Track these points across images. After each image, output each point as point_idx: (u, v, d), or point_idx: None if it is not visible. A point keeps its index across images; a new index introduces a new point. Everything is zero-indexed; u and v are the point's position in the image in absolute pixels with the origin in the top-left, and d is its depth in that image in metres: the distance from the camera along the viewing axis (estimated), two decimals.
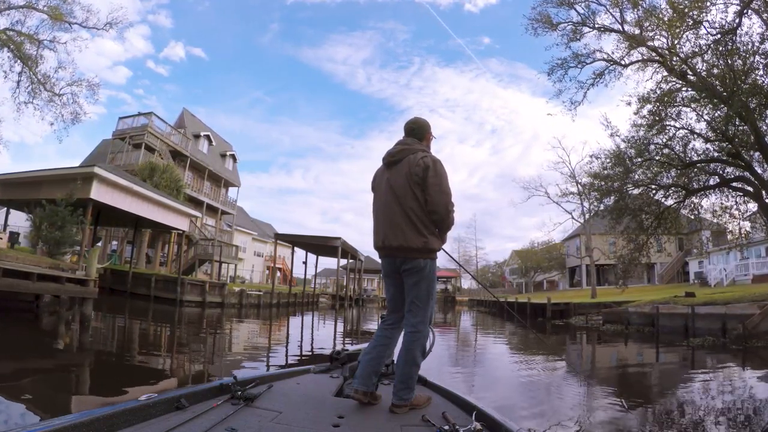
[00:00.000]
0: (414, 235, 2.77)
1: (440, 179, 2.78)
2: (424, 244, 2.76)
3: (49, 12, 20.77)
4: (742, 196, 17.44)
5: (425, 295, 2.83)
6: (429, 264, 2.82)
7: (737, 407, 5.82)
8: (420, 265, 2.79)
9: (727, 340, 12.43)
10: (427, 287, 2.83)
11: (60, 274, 10.44)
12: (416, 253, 2.77)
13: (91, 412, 1.91)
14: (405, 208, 2.80)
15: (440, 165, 2.83)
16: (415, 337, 2.75)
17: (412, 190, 2.79)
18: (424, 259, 2.79)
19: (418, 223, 2.77)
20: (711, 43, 14.88)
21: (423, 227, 2.77)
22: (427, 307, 2.83)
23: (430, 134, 3.10)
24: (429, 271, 2.82)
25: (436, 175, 2.77)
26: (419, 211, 2.78)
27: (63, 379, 6.08)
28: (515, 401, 6.09)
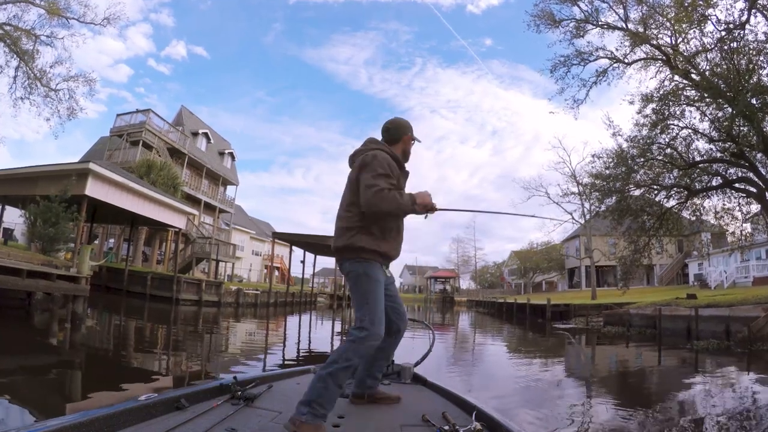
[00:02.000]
0: (340, 233, 2.61)
1: (368, 171, 2.50)
2: (349, 242, 2.55)
3: (46, 6, 20.56)
4: (745, 197, 17.29)
5: (357, 301, 2.54)
6: (355, 266, 2.55)
7: (743, 412, 5.63)
8: (346, 267, 2.59)
9: (731, 342, 12.22)
10: (359, 292, 2.54)
11: (50, 271, 10.21)
12: (343, 253, 2.59)
13: (91, 412, 1.91)
14: (341, 207, 2.68)
15: (378, 157, 2.54)
16: (345, 347, 2.41)
17: (349, 189, 2.63)
18: (349, 260, 2.57)
19: (345, 220, 2.60)
20: (716, 41, 14.69)
21: (349, 223, 2.58)
22: (362, 313, 2.48)
23: (410, 137, 2.87)
24: (355, 273, 2.55)
25: (365, 168, 2.52)
26: (349, 207, 2.60)
27: (45, 380, 5.86)
28: (515, 403, 5.93)
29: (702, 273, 33.30)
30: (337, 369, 2.31)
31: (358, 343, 2.39)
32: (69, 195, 14.71)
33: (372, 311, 2.47)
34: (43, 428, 1.70)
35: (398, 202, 2.42)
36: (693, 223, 19.82)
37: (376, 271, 2.56)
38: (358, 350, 2.39)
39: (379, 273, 2.57)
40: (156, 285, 21.91)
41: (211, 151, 37.26)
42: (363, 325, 2.41)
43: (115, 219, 23.64)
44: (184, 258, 26.45)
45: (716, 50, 14.94)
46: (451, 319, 29.46)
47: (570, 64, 17.69)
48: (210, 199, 34.70)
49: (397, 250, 2.72)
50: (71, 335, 9.70)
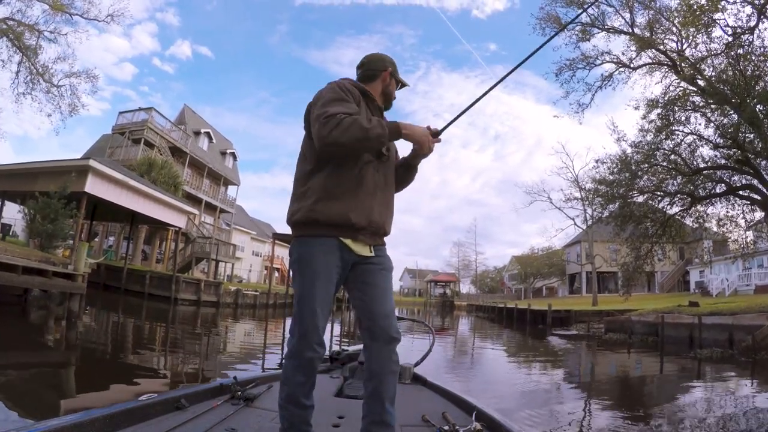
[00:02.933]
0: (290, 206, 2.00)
1: (315, 102, 1.89)
2: (291, 214, 1.94)
3: (50, 2, 20.49)
4: (749, 205, 17.16)
5: (294, 300, 1.93)
6: (294, 243, 1.94)
7: (745, 422, 5.51)
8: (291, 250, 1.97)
9: (735, 351, 12.07)
10: (294, 281, 1.94)
11: (46, 268, 10.09)
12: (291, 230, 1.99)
13: (91, 412, 1.92)
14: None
15: (327, 87, 1.96)
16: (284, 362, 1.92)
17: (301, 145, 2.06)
18: (292, 238, 1.97)
19: (293, 188, 2.00)
20: (723, 46, 14.59)
21: (293, 190, 1.99)
22: (295, 321, 1.89)
23: (389, 73, 2.16)
24: (292, 253, 1.93)
25: (313, 104, 1.91)
26: (298, 168, 2.01)
27: (36, 379, 5.74)
28: (515, 407, 5.83)
29: (703, 280, 33.12)
30: (283, 397, 1.88)
31: (286, 359, 1.90)
32: (68, 192, 14.61)
33: (296, 315, 1.88)
34: (43, 428, 1.70)
35: (362, 126, 1.74)
36: (696, 230, 19.70)
37: (312, 252, 1.86)
38: (286, 371, 1.88)
39: (315, 255, 1.86)
40: (155, 284, 21.79)
41: (213, 151, 37.18)
42: (293, 344, 1.88)
43: (115, 217, 23.52)
44: (184, 257, 26.33)
45: (723, 56, 14.84)
46: (451, 323, 29.31)
47: (575, 68, 17.66)
48: (211, 198, 34.60)
49: (362, 210, 1.90)
50: (66, 333, 9.58)
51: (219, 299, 22.31)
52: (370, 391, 1.90)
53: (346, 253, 1.89)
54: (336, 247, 1.86)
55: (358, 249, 1.91)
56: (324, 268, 1.85)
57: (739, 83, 14.41)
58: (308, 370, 1.87)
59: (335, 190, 1.86)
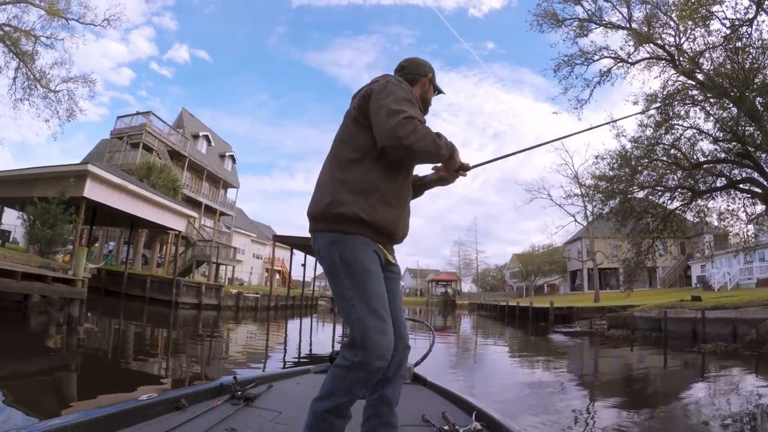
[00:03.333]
0: (320, 194, 1.79)
1: (384, 96, 1.73)
2: (321, 203, 1.76)
3: (46, 7, 20.47)
4: (749, 198, 17.12)
5: (339, 304, 1.74)
6: (331, 238, 1.73)
7: (752, 417, 5.46)
8: (318, 244, 1.78)
9: (739, 345, 12.01)
10: (339, 288, 1.72)
11: (45, 273, 10.04)
12: (314, 222, 1.79)
13: (91, 412, 1.92)
14: (328, 158, 1.90)
15: (397, 83, 1.80)
16: (333, 375, 1.68)
17: (341, 129, 1.90)
18: (321, 233, 1.77)
19: (323, 174, 1.84)
20: (721, 39, 14.54)
21: (327, 177, 1.82)
22: (349, 318, 1.68)
23: (429, 79, 2.11)
24: (333, 250, 1.72)
25: (380, 93, 1.75)
26: (339, 153, 1.83)
27: (36, 384, 5.69)
28: (518, 405, 5.83)
29: (705, 275, 33.09)
30: (327, 408, 1.63)
31: (348, 370, 1.63)
32: (67, 197, 14.58)
33: (356, 321, 1.65)
34: (43, 428, 1.70)
35: (435, 141, 1.68)
36: (697, 224, 19.66)
37: (358, 248, 1.71)
38: (347, 382, 1.63)
39: (365, 253, 1.72)
40: (155, 288, 21.74)
41: (212, 154, 37.13)
42: (355, 344, 1.64)
43: (115, 221, 23.52)
44: (185, 261, 26.30)
45: (721, 49, 14.80)
46: (452, 323, 29.25)
47: (573, 64, 17.61)
48: (210, 201, 34.55)
49: (402, 225, 1.87)
50: (66, 339, 9.53)
51: (220, 302, 22.29)
52: (380, 394, 1.85)
53: (381, 256, 1.82)
54: (376, 248, 1.78)
55: (387, 255, 1.88)
56: (376, 267, 1.75)
57: (738, 76, 14.36)
58: (371, 382, 1.70)
59: (391, 197, 1.79)
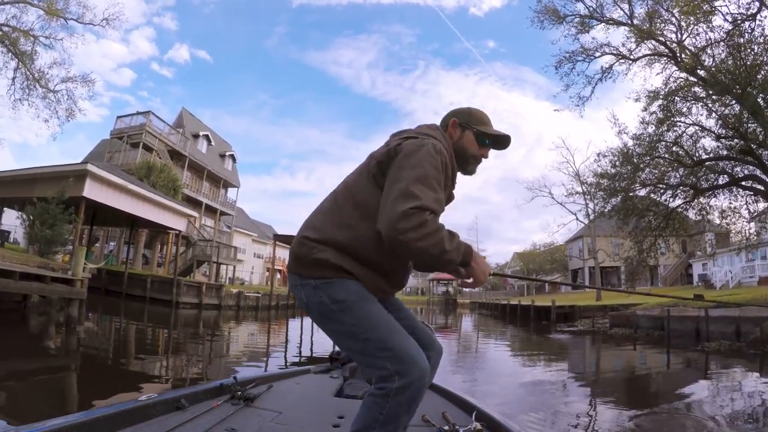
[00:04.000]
0: (306, 236, 1.62)
1: (409, 167, 1.47)
2: (307, 252, 1.59)
3: (44, 7, 20.41)
4: (752, 195, 17.03)
5: (344, 340, 1.61)
6: (313, 284, 1.57)
7: (756, 416, 5.39)
8: (301, 292, 1.61)
9: (742, 344, 11.93)
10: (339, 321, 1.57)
11: (44, 273, 9.98)
12: (298, 265, 1.63)
13: (91, 412, 1.92)
14: (330, 199, 1.70)
15: (432, 150, 1.52)
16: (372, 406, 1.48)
17: (355, 175, 1.67)
18: (303, 278, 1.61)
19: (323, 221, 1.63)
20: (723, 34, 14.45)
21: (328, 228, 1.59)
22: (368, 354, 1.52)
23: (455, 120, 1.79)
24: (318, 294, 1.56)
25: (406, 160, 1.50)
26: (341, 202, 1.62)
27: (34, 385, 5.63)
28: (519, 405, 5.79)
29: (706, 273, 33.01)
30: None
31: (388, 398, 1.44)
32: (66, 197, 14.52)
33: (384, 342, 1.48)
34: (44, 428, 1.70)
35: (443, 246, 1.42)
36: (699, 222, 19.57)
37: (351, 286, 1.55)
38: (390, 410, 1.44)
39: (358, 289, 1.55)
40: (156, 288, 21.68)
41: (212, 153, 37.08)
42: (389, 372, 1.44)
43: (115, 221, 23.47)
44: (185, 261, 26.25)
45: (723, 45, 14.71)
46: (453, 321, 29.19)
47: (575, 60, 17.55)
48: (211, 201, 34.51)
49: (400, 283, 1.74)
50: (66, 339, 9.47)
51: (221, 302, 22.24)
52: None
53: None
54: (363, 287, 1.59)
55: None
56: (370, 295, 1.59)
57: (741, 73, 14.27)
58: (419, 402, 1.53)
59: (390, 270, 1.63)
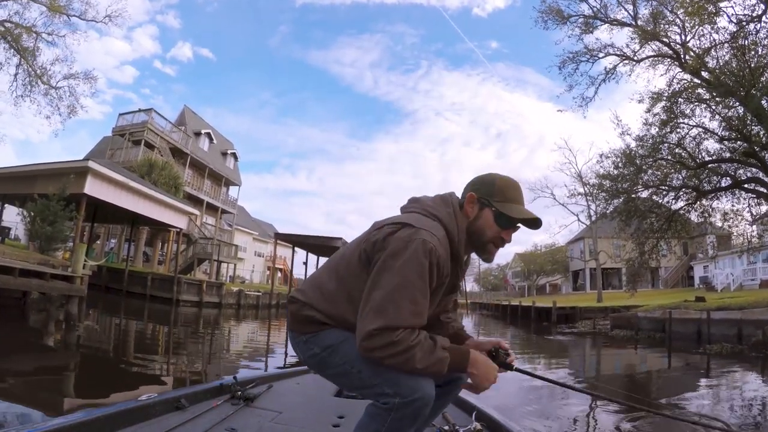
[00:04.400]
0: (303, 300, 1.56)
1: (390, 274, 1.35)
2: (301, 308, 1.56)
3: (47, 3, 20.36)
4: (755, 198, 16.97)
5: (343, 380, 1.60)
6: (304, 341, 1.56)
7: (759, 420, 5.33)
8: (297, 348, 1.61)
9: (744, 346, 11.88)
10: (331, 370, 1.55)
11: (44, 270, 9.95)
12: (293, 322, 1.60)
13: (91, 412, 1.91)
14: (328, 266, 1.62)
15: (414, 261, 1.35)
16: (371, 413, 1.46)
17: (351, 249, 1.55)
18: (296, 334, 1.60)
19: (315, 293, 1.55)
20: (728, 36, 14.38)
21: (320, 302, 1.53)
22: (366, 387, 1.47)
23: (472, 195, 1.54)
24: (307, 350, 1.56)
25: (388, 262, 1.37)
26: (332, 278, 1.53)
27: (31, 384, 5.59)
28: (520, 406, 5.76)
29: (707, 275, 32.94)
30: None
31: (390, 412, 1.39)
32: (67, 193, 14.50)
33: (378, 371, 1.40)
34: (44, 428, 1.69)
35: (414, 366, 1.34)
36: (701, 224, 19.51)
37: (336, 332, 1.51)
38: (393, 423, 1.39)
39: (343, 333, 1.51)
40: (156, 286, 21.66)
41: (214, 152, 37.05)
42: (390, 394, 1.38)
43: (116, 218, 23.46)
44: (186, 259, 26.22)
45: (727, 47, 14.64)
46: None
47: (579, 61, 17.48)
48: (212, 199, 34.49)
49: None
50: (64, 336, 9.45)
51: (221, 300, 22.20)
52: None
53: None
54: None
55: None
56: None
57: (745, 75, 14.20)
58: (425, 414, 1.46)
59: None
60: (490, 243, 1.56)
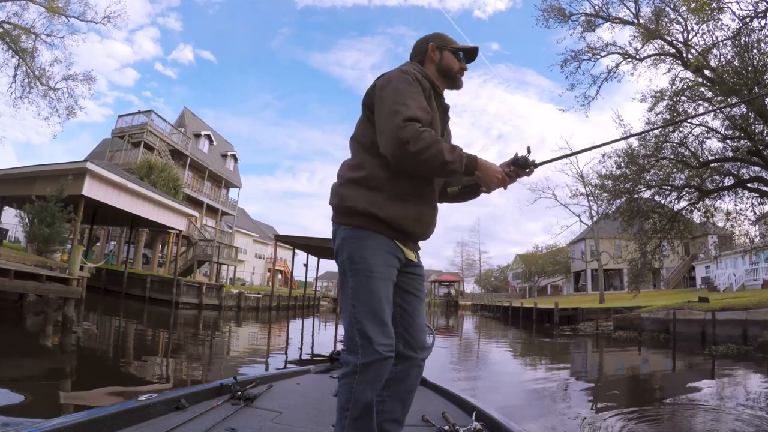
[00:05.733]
0: (336, 187, 1.79)
1: (387, 94, 1.64)
2: (339, 200, 1.72)
3: (46, 4, 20.30)
4: (758, 197, 16.85)
5: (344, 301, 1.71)
6: (344, 234, 1.70)
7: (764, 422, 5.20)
8: (336, 238, 1.75)
9: (750, 347, 11.73)
10: (345, 281, 1.70)
11: (39, 272, 9.84)
12: (335, 214, 1.77)
13: (91, 412, 1.92)
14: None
15: (397, 77, 1.68)
16: (340, 374, 1.69)
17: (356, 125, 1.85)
18: (338, 224, 1.74)
19: (343, 169, 1.80)
20: (732, 33, 14.24)
21: (345, 173, 1.77)
22: (352, 321, 1.65)
23: (431, 49, 1.92)
24: (343, 248, 1.70)
25: (382, 90, 1.66)
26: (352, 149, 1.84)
27: (26, 387, 5.47)
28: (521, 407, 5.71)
29: (709, 276, 32.82)
30: (349, 423, 1.62)
31: (354, 376, 1.61)
32: (65, 195, 14.39)
33: (362, 317, 1.62)
34: (44, 428, 1.70)
35: (444, 158, 1.54)
36: (703, 224, 19.40)
37: (368, 247, 1.66)
38: (358, 390, 1.61)
39: (374, 253, 1.66)
40: (155, 288, 21.54)
41: (214, 153, 36.98)
42: (359, 343, 1.61)
43: (115, 220, 23.35)
44: (186, 261, 26.12)
45: (730, 45, 14.52)
46: (455, 323, 29.02)
47: (581, 59, 17.39)
48: (212, 201, 34.39)
49: (424, 222, 1.78)
50: (61, 339, 9.32)
51: (221, 302, 22.09)
52: (391, 392, 1.81)
53: (400, 254, 1.76)
54: (392, 246, 1.71)
55: (407, 253, 1.80)
56: (385, 269, 1.68)
57: (748, 74, 14.08)
58: (381, 381, 1.69)
59: (404, 192, 1.70)
60: (457, 73, 1.96)
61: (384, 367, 1.62)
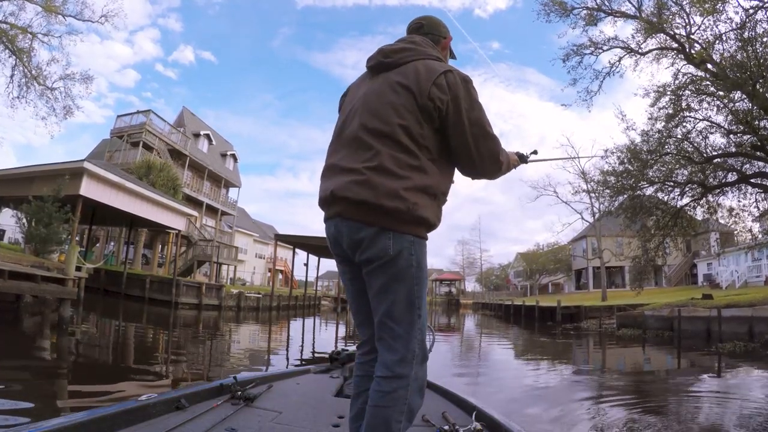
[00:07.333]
0: (390, 184, 1.48)
1: (478, 109, 1.60)
2: (408, 206, 1.49)
3: (43, 4, 20.15)
4: (761, 193, 16.69)
5: (400, 305, 1.54)
6: (411, 240, 1.53)
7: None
8: (379, 238, 1.50)
9: (757, 344, 11.59)
10: (409, 289, 1.55)
11: (34, 272, 9.69)
12: (394, 221, 1.49)
13: (91, 412, 1.91)
14: (382, 139, 1.53)
15: (474, 89, 1.63)
16: (390, 388, 1.51)
17: (400, 111, 1.54)
18: (402, 233, 1.51)
19: (399, 164, 1.50)
20: (735, 26, 14.09)
21: (408, 172, 1.51)
22: (412, 330, 1.55)
23: (448, 42, 1.89)
24: (411, 255, 1.54)
25: (472, 105, 1.59)
26: (404, 142, 1.52)
27: (23, 389, 5.33)
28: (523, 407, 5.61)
29: (711, 273, 32.70)
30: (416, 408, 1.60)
31: (413, 383, 1.55)
32: (62, 195, 14.25)
33: (422, 330, 1.60)
34: (44, 428, 1.70)
35: (509, 164, 1.85)
36: (706, 221, 19.24)
37: (425, 255, 1.63)
38: (401, 398, 1.52)
39: (425, 260, 1.65)
40: (155, 288, 21.40)
41: (213, 153, 36.84)
42: (414, 356, 1.56)
43: (114, 220, 23.22)
44: (186, 261, 26.00)
45: (734, 38, 14.35)
46: (456, 322, 28.90)
47: (583, 54, 17.24)
48: (212, 201, 34.26)
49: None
50: (56, 340, 9.19)
51: (221, 302, 21.97)
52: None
53: None
54: None
55: None
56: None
57: (751, 68, 13.92)
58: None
59: (445, 196, 1.70)
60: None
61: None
